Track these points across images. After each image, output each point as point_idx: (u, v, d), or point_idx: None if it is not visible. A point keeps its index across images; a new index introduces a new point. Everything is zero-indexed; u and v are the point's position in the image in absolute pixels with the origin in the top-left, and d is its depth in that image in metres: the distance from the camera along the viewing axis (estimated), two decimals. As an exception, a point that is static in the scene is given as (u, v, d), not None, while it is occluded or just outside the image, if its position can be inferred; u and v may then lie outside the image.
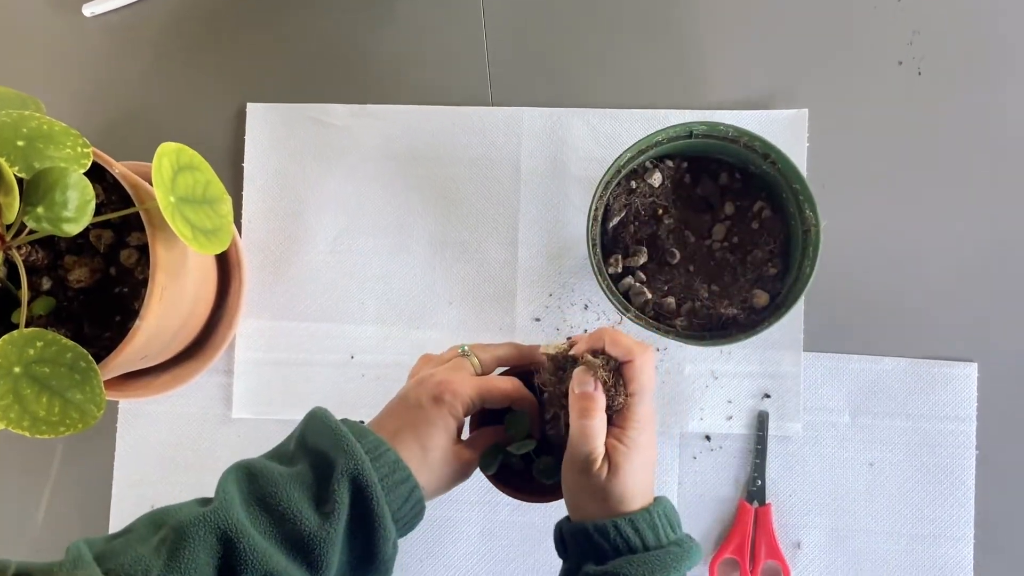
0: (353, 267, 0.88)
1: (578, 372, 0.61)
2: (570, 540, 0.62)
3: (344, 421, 0.61)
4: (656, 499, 0.62)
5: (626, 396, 0.61)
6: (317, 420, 0.61)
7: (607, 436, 0.61)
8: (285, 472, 0.58)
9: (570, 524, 0.62)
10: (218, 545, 0.53)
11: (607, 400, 0.61)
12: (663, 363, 0.85)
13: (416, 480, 0.60)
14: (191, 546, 0.52)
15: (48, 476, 0.88)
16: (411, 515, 0.61)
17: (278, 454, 0.62)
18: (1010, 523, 0.84)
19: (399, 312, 0.88)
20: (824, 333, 0.85)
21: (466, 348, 0.71)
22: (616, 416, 0.61)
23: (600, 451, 0.60)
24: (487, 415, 0.76)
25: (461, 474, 0.66)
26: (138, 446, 0.88)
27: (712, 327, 0.76)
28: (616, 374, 0.61)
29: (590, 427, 0.60)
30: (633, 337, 0.62)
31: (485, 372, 0.71)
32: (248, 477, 0.58)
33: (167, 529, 0.54)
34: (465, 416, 0.66)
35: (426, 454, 0.63)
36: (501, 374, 0.72)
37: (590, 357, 0.62)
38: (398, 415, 0.65)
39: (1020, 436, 0.84)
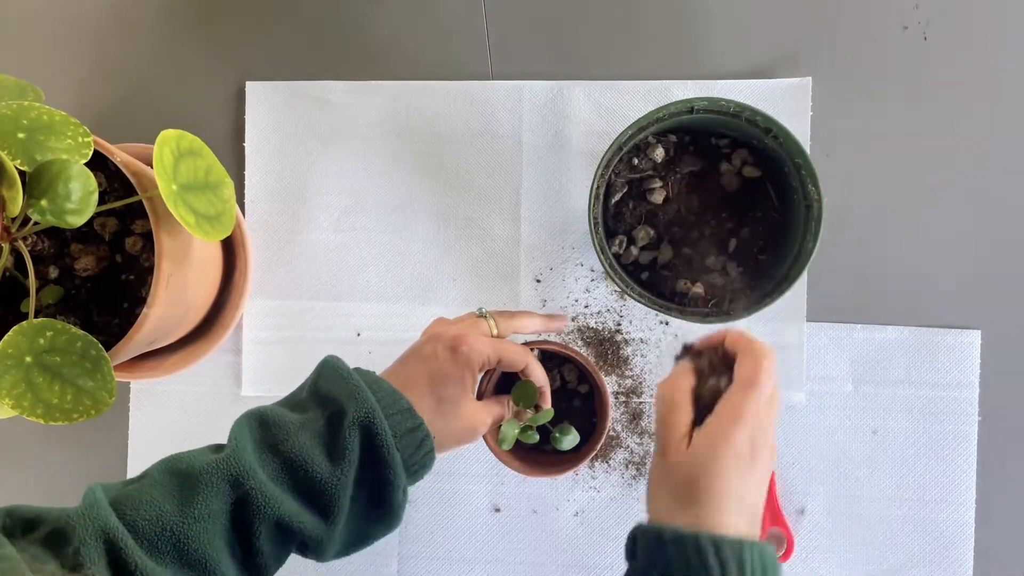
0: (357, 245, 0.88)
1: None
2: (641, 543, 0.55)
3: (357, 370, 0.62)
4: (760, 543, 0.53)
5: (728, 382, 0.56)
6: (330, 368, 0.62)
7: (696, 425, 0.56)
8: (297, 419, 0.58)
9: (644, 526, 0.55)
10: (230, 491, 0.54)
11: (700, 379, 0.58)
12: (665, 335, 0.86)
13: (427, 430, 0.61)
14: (204, 492, 0.54)
15: (64, 456, 0.90)
16: (421, 464, 0.61)
17: (290, 402, 0.63)
18: (1011, 488, 0.84)
19: (404, 289, 0.88)
20: (827, 303, 0.86)
21: (484, 310, 0.71)
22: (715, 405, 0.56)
23: (681, 426, 0.56)
24: (497, 386, 0.77)
25: (471, 432, 0.66)
26: (151, 425, 0.89)
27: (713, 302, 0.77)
28: (724, 365, 0.58)
29: (673, 391, 0.57)
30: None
31: (500, 337, 0.71)
32: (260, 425, 0.59)
33: (181, 476, 0.55)
34: (479, 372, 0.66)
35: (440, 405, 0.63)
36: None
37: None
38: (412, 365, 0.66)
39: (1022, 402, 0.84)
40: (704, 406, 0.57)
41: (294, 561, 0.87)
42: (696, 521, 0.52)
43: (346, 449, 0.57)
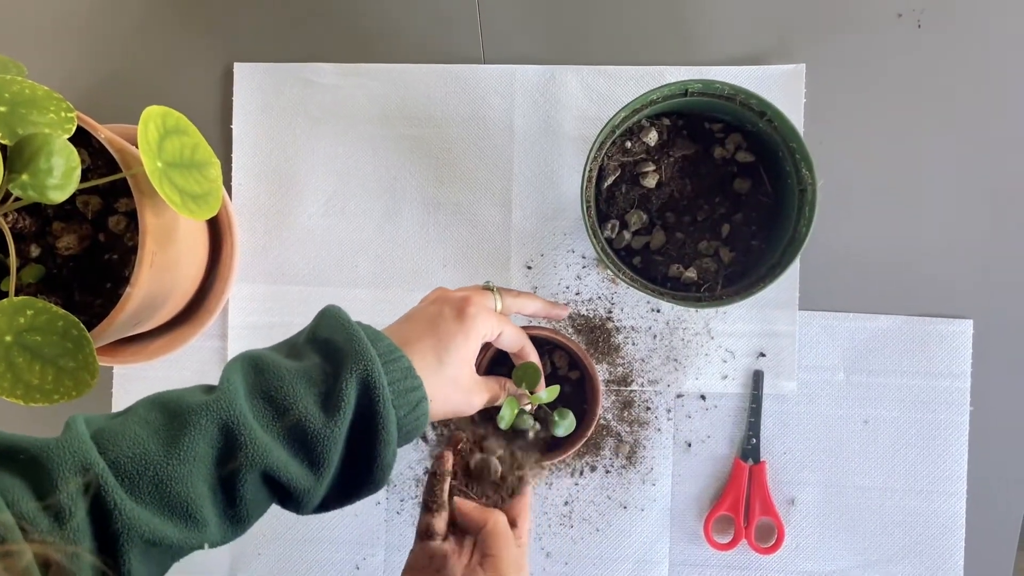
0: (346, 230, 0.87)
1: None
2: None
3: (359, 323, 0.60)
4: None
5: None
6: (331, 317, 0.60)
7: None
8: (292, 367, 0.56)
9: None
10: (219, 435, 0.52)
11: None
12: (657, 323, 0.85)
13: (425, 391, 0.59)
14: (191, 434, 0.52)
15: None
16: (415, 426, 0.59)
17: (287, 347, 0.60)
18: (1002, 478, 0.84)
19: (392, 275, 0.87)
20: (819, 291, 0.85)
21: (491, 283, 0.70)
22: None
23: None
24: (488, 370, 0.76)
25: (467, 405, 0.65)
26: (134, 411, 0.88)
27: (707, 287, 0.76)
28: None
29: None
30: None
31: (504, 313, 0.69)
32: (255, 369, 0.56)
33: (168, 414, 0.53)
34: (482, 340, 0.64)
35: (441, 368, 0.61)
36: None
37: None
38: (416, 323, 0.64)
39: (1013, 392, 0.84)
40: None
41: (287, 549, 0.85)
42: None
43: (342, 401, 0.54)
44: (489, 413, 0.71)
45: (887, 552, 0.84)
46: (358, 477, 0.57)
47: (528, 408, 0.71)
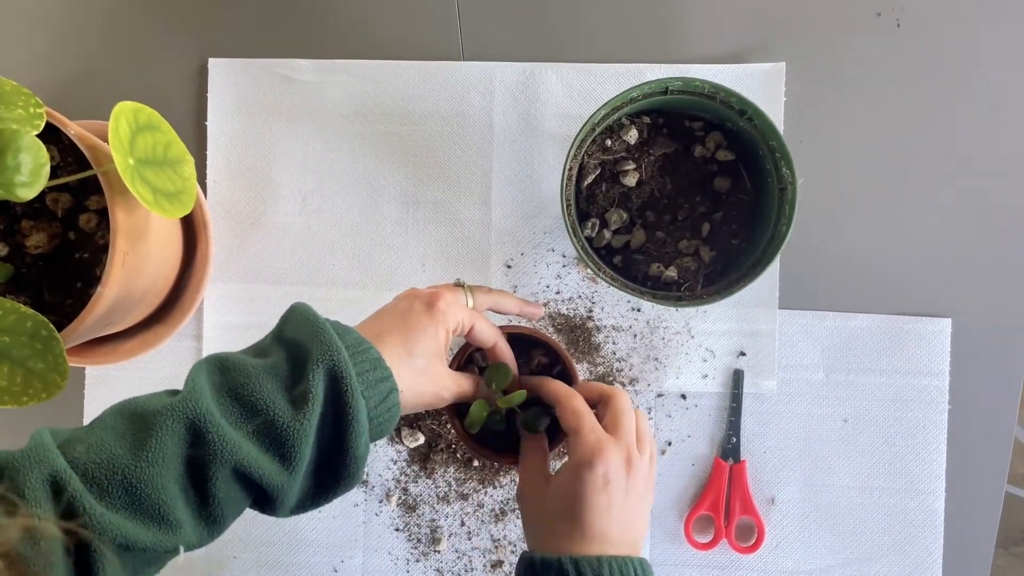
0: (323, 228, 0.86)
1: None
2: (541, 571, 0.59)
3: (326, 319, 0.59)
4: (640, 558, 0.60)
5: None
6: (297, 314, 0.59)
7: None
8: (258, 364, 0.56)
9: (539, 555, 0.60)
10: (187, 435, 0.52)
11: None
12: (637, 322, 0.85)
13: (395, 383, 0.59)
14: (158, 435, 0.51)
15: (15, 443, 0.87)
16: (386, 418, 0.59)
17: (254, 347, 0.60)
18: (980, 476, 0.85)
19: (370, 274, 0.86)
20: (799, 290, 0.85)
21: (462, 281, 0.70)
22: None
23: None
24: (463, 368, 0.75)
25: (437, 398, 0.65)
26: (107, 412, 0.86)
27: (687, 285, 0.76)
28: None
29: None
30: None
31: (475, 310, 0.69)
32: (219, 369, 0.56)
33: (134, 418, 0.53)
34: (453, 334, 0.65)
35: (411, 360, 0.61)
36: None
37: None
38: (386, 318, 0.64)
39: (992, 391, 0.84)
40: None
41: (263, 552, 0.84)
42: (572, 539, 0.60)
43: (309, 393, 0.54)
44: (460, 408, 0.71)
45: (867, 550, 0.84)
46: (331, 472, 0.57)
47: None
